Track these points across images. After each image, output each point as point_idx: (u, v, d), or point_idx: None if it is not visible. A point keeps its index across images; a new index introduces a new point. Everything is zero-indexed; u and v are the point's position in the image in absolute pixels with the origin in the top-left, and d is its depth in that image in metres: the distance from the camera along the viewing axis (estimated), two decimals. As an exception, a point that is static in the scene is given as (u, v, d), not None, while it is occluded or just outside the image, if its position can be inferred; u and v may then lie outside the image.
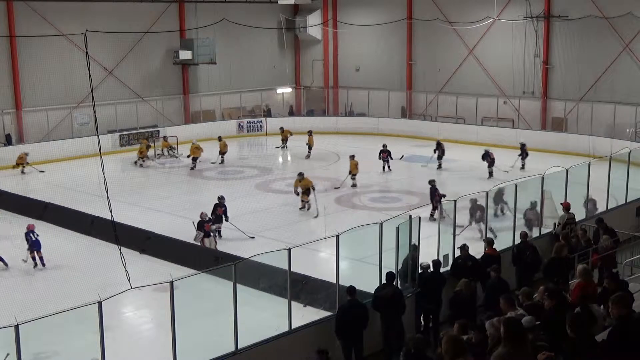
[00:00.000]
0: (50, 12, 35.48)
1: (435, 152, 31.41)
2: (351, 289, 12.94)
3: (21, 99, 35.19)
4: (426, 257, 14.94)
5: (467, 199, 19.93)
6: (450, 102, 39.35)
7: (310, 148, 34.07)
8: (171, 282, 11.06)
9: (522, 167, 29.94)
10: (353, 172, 27.75)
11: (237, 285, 11.92)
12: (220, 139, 33.51)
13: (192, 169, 31.85)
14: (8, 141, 34.53)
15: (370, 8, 43.23)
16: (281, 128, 36.91)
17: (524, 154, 30.49)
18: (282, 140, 36.29)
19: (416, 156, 33.03)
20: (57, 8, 35.85)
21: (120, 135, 36.50)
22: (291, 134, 36.11)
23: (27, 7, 34.77)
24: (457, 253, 15.56)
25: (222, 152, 33.03)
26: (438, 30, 39.94)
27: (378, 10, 42.81)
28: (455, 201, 16.20)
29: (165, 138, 34.66)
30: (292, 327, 12.69)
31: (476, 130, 37.39)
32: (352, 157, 28.17)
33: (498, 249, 16.04)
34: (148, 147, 33.73)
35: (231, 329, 11.87)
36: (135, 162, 32.93)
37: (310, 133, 34.44)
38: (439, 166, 31.08)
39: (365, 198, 26.29)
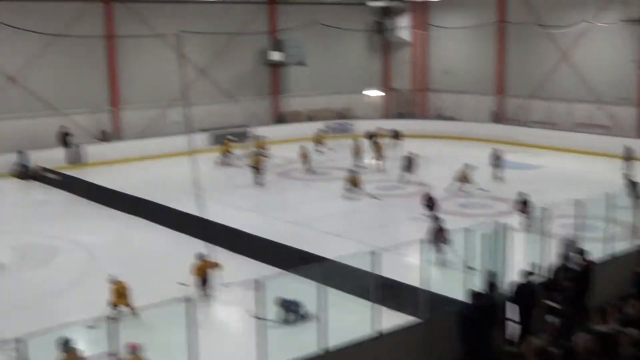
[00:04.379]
0: (147, 14, 36.61)
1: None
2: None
3: (119, 97, 36.44)
4: (516, 266, 14.70)
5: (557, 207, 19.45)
6: (542, 107, 38.52)
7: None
8: (258, 281, 11.23)
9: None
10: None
11: (323, 286, 12.01)
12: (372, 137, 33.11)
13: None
14: (105, 138, 35.79)
15: (462, 10, 42.77)
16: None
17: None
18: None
19: (509, 162, 32.46)
20: (154, 9, 36.95)
21: (211, 134, 37.28)
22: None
23: (126, 9, 35.96)
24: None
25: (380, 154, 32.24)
26: (531, 33, 39.16)
27: (469, 13, 42.32)
28: (546, 209, 15.88)
29: (258, 138, 35.20)
30: (377, 331, 12.70)
31: (569, 137, 36.42)
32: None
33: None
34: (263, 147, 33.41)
35: (317, 330, 11.97)
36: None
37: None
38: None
39: (454, 203, 26.04)
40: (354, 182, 26.60)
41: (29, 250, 20.60)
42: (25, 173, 31.08)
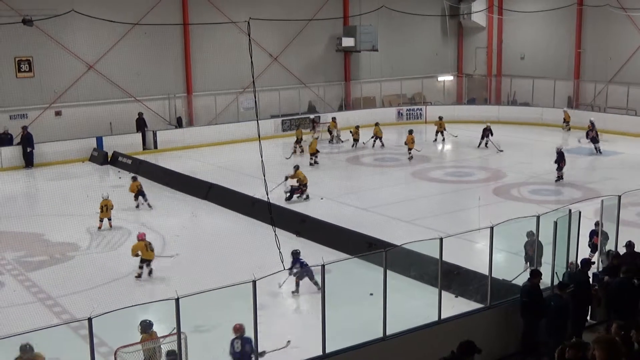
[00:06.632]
0: (220, 1, 36.90)
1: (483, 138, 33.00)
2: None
3: (192, 83, 36.97)
4: (585, 254, 14.38)
5: (633, 195, 18.85)
6: (621, 93, 37.31)
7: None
8: (323, 266, 11.27)
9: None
10: (409, 147, 30.72)
11: (388, 272, 11.96)
12: (377, 124, 34.08)
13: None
14: (179, 124, 36.42)
15: (538, -6, 41.80)
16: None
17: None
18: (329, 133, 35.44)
19: (584, 148, 31.71)
20: (227, -3, 37.32)
21: (282, 120, 37.50)
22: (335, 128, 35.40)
23: (200, -4, 36.44)
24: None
25: (378, 137, 33.55)
26: (610, 16, 37.95)
27: (546, -4, 41.33)
28: (619, 197, 15.43)
29: (333, 119, 35.23)
30: (442, 318, 12.61)
31: (649, 123, 35.25)
32: (410, 131, 31.23)
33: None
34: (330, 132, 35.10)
35: (380, 315, 11.95)
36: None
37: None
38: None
39: (525, 190, 25.57)
40: None
41: (102, 233, 21.16)
42: (102, 158, 31.89)
